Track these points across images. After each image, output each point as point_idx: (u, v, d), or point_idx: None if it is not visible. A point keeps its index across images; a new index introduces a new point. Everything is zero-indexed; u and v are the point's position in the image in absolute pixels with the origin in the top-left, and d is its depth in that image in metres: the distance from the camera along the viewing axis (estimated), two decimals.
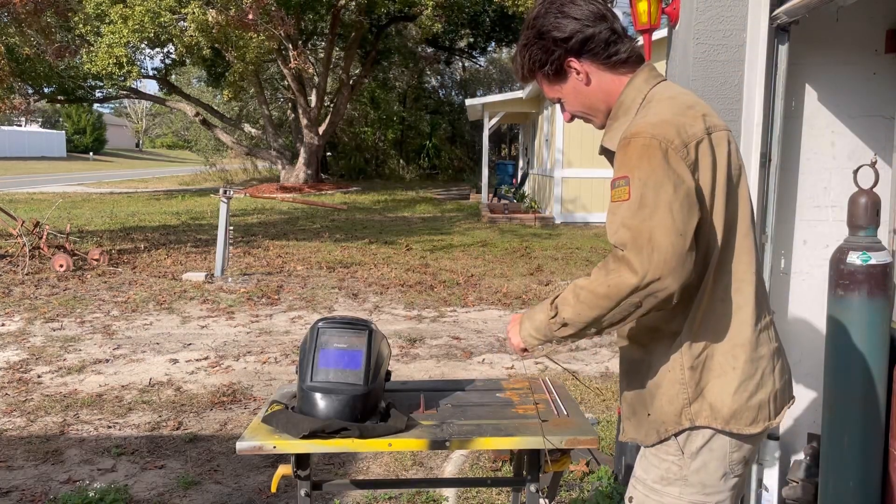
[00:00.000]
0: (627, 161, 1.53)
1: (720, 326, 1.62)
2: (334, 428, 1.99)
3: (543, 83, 1.76)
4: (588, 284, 1.52)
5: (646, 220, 1.46)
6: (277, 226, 14.93)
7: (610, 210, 1.55)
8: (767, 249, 2.72)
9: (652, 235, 1.45)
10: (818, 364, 2.77)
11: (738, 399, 1.61)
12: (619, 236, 1.49)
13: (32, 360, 5.62)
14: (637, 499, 1.73)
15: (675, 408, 1.63)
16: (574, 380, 4.79)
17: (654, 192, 1.47)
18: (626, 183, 1.51)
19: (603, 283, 1.49)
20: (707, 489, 1.65)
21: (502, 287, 8.51)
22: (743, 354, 1.62)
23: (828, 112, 2.86)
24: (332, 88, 28.30)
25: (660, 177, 1.48)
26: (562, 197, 15.53)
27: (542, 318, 1.63)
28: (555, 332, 1.61)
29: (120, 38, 16.49)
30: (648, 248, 1.45)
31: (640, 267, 1.45)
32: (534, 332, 1.67)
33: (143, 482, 3.61)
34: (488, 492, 3.40)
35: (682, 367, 1.62)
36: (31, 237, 9.86)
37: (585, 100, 1.73)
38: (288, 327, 6.72)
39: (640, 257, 1.45)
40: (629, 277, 1.46)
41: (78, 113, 59.49)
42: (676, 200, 1.47)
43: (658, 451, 1.69)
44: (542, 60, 1.70)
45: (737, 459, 1.65)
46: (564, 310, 1.57)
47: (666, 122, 1.54)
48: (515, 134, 34.00)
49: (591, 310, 1.52)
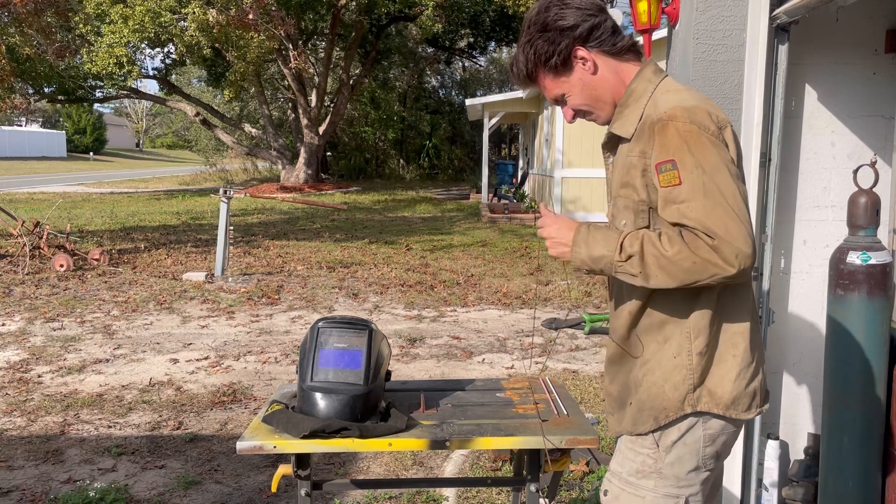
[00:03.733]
0: (671, 144, 1.55)
1: (726, 314, 1.66)
2: (334, 428, 1.99)
3: (547, 79, 1.74)
4: (674, 255, 1.53)
5: (715, 208, 1.51)
6: (277, 226, 14.93)
7: (663, 196, 1.57)
8: (767, 249, 2.72)
9: (728, 226, 1.50)
10: (818, 364, 2.77)
11: (739, 386, 1.65)
12: (693, 218, 1.52)
13: (33, 360, 5.62)
14: (612, 492, 1.76)
15: (679, 394, 1.65)
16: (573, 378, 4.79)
17: (711, 179, 1.52)
18: (674, 167, 1.54)
19: (688, 259, 1.51)
20: (681, 482, 1.68)
21: (502, 287, 8.51)
22: (742, 342, 1.67)
23: (828, 112, 2.86)
24: (332, 88, 28.29)
25: (714, 163, 1.53)
26: (562, 197, 15.53)
27: (605, 253, 1.61)
28: (614, 272, 1.61)
29: (120, 37, 16.50)
30: (731, 239, 1.49)
31: (734, 259, 1.49)
32: (587, 260, 1.64)
33: (143, 482, 3.61)
34: (488, 492, 3.41)
35: (689, 352, 1.64)
36: (32, 237, 9.86)
37: (592, 91, 1.72)
38: (288, 327, 6.72)
39: (728, 248, 1.49)
40: (720, 267, 1.49)
41: (78, 113, 59.47)
42: (732, 185, 1.53)
43: (634, 444, 1.72)
44: (547, 53, 1.69)
45: (709, 454, 1.69)
46: (635, 262, 1.57)
47: (697, 108, 1.58)
48: (515, 134, 34.02)
49: (663, 278, 1.54)
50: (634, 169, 1.63)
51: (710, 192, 1.51)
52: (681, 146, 1.54)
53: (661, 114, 1.58)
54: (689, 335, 1.64)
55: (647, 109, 1.64)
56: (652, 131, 1.59)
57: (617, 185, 1.71)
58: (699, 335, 1.64)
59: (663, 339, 1.67)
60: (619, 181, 1.70)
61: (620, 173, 1.69)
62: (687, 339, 1.64)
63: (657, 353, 1.68)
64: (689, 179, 1.52)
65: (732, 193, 1.51)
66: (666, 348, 1.66)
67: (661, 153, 1.56)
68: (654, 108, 1.62)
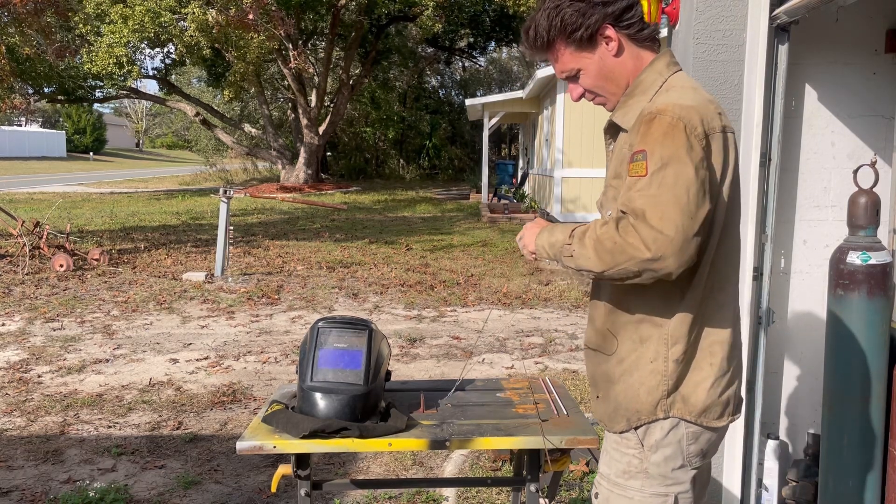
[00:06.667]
0: (650, 136, 1.54)
1: (705, 322, 1.65)
2: (334, 428, 1.99)
3: (566, 52, 1.69)
4: (601, 234, 1.53)
5: (662, 196, 1.48)
6: (277, 226, 14.93)
7: (627, 185, 1.56)
8: (767, 249, 2.72)
9: (665, 213, 1.47)
10: (818, 364, 2.77)
11: (712, 394, 1.65)
12: (634, 205, 1.51)
13: (32, 360, 5.62)
14: (602, 494, 1.76)
15: (653, 398, 1.65)
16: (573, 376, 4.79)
17: (674, 172, 1.49)
18: (643, 157, 1.53)
19: (610, 239, 1.51)
20: (668, 481, 1.68)
21: (502, 287, 8.51)
22: (721, 351, 1.66)
23: (828, 112, 2.86)
24: (332, 88, 28.30)
25: (682, 158, 1.50)
26: (562, 197, 15.52)
27: (560, 238, 1.64)
28: (563, 256, 1.62)
29: (120, 37, 16.50)
30: (659, 225, 1.47)
31: (651, 242, 1.47)
32: (547, 247, 1.67)
33: (143, 482, 3.61)
34: (488, 492, 3.40)
35: (666, 359, 1.63)
36: (32, 237, 9.86)
37: (610, 73, 1.69)
38: (288, 327, 6.72)
39: (651, 232, 1.47)
40: (638, 250, 1.48)
41: (78, 113, 59.48)
42: (694, 184, 1.49)
43: (619, 445, 1.72)
44: (575, 24, 1.64)
45: (693, 452, 1.68)
46: (576, 243, 1.58)
47: (691, 107, 1.56)
48: (515, 134, 34.01)
49: (593, 258, 1.54)
50: (626, 161, 1.62)
51: (666, 184, 1.49)
52: (657, 139, 1.52)
53: (655, 107, 1.57)
54: (667, 341, 1.63)
55: (649, 105, 1.62)
56: (640, 123, 1.58)
57: (611, 174, 1.71)
58: (677, 342, 1.62)
59: (639, 339, 1.66)
60: (612, 171, 1.70)
61: (615, 163, 1.69)
62: (665, 346, 1.63)
63: (633, 354, 1.67)
64: (652, 172, 1.51)
65: (686, 188, 1.48)
66: (643, 350, 1.65)
67: (639, 143, 1.55)
68: (652, 104, 1.61)
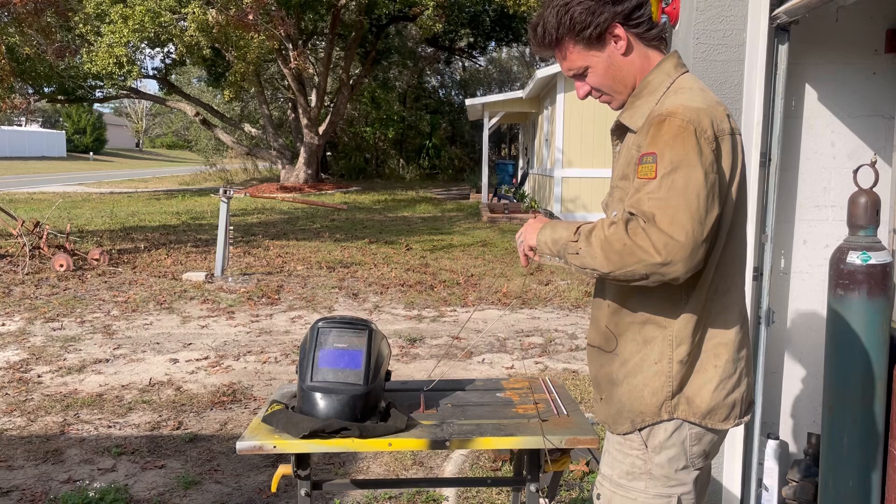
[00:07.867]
0: (660, 138, 1.53)
1: (710, 324, 1.65)
2: (334, 428, 1.99)
3: (574, 50, 1.68)
4: (609, 234, 1.53)
5: (671, 200, 1.48)
6: (277, 226, 14.93)
7: (636, 186, 1.55)
8: (767, 249, 2.72)
9: (675, 217, 1.47)
10: (818, 364, 2.77)
11: (717, 396, 1.65)
12: (643, 207, 1.50)
13: (32, 360, 5.62)
14: (605, 496, 1.75)
15: (657, 399, 1.65)
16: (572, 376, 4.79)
17: (684, 176, 1.49)
18: (653, 160, 1.52)
19: (619, 241, 1.51)
20: (671, 482, 1.67)
21: (502, 287, 8.51)
22: (726, 353, 1.65)
23: (828, 112, 2.86)
24: (332, 88, 28.29)
25: (692, 161, 1.50)
26: (562, 196, 15.53)
27: (564, 234, 1.63)
28: (568, 254, 1.61)
29: (120, 37, 16.49)
30: (669, 230, 1.47)
31: (662, 247, 1.46)
32: (550, 243, 1.67)
33: (143, 482, 3.61)
34: (488, 492, 3.40)
35: (670, 360, 1.63)
36: (31, 237, 9.86)
37: (617, 72, 1.69)
38: (288, 327, 6.72)
39: (662, 237, 1.47)
40: (647, 253, 1.47)
41: (78, 113, 59.48)
42: (704, 189, 1.49)
43: (622, 446, 1.72)
44: (584, 23, 1.63)
45: (696, 453, 1.68)
46: (582, 241, 1.57)
47: (701, 110, 1.55)
48: (515, 134, 34.01)
49: (600, 258, 1.53)
50: (634, 163, 1.62)
51: (676, 188, 1.49)
52: (668, 142, 1.52)
53: (665, 109, 1.57)
54: (671, 343, 1.63)
55: (657, 106, 1.62)
56: (650, 125, 1.58)
57: (617, 175, 1.70)
58: (682, 343, 1.62)
59: (643, 341, 1.65)
60: (619, 172, 1.70)
61: (622, 164, 1.69)
62: (669, 347, 1.63)
63: (637, 355, 1.66)
64: (661, 175, 1.50)
65: (697, 193, 1.48)
66: (647, 352, 1.65)
67: (649, 145, 1.55)
68: (661, 105, 1.60)
